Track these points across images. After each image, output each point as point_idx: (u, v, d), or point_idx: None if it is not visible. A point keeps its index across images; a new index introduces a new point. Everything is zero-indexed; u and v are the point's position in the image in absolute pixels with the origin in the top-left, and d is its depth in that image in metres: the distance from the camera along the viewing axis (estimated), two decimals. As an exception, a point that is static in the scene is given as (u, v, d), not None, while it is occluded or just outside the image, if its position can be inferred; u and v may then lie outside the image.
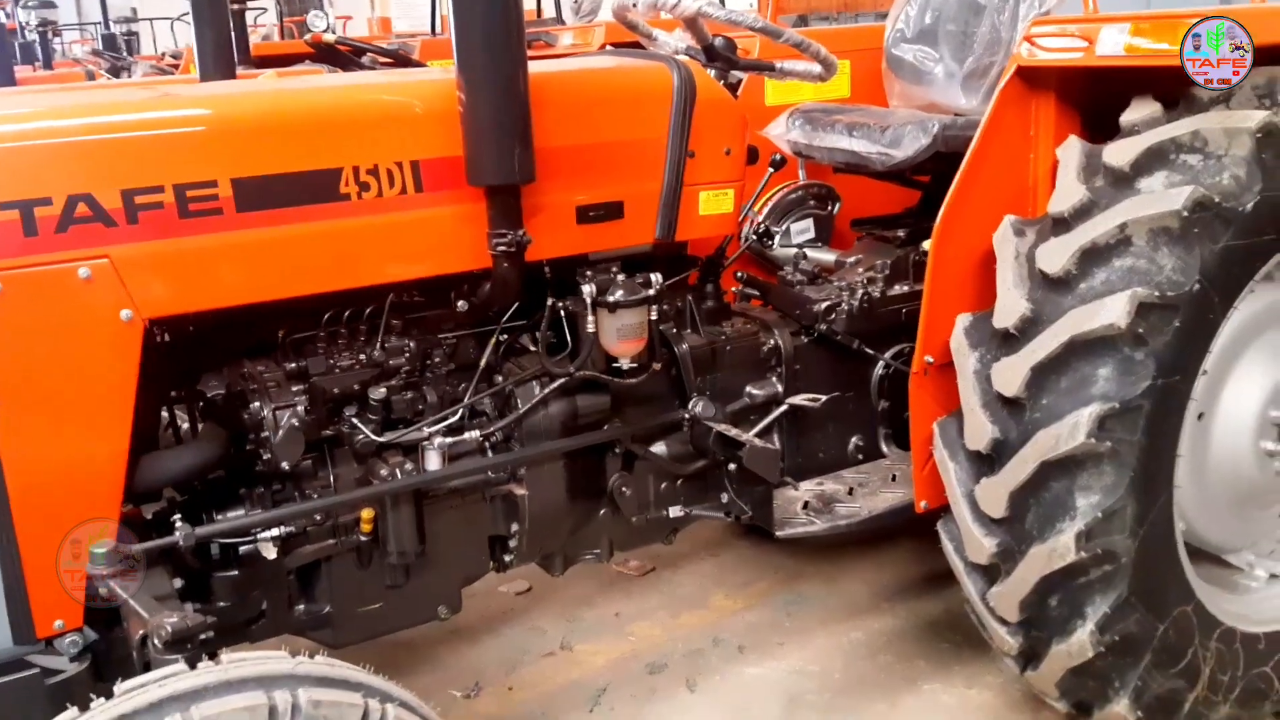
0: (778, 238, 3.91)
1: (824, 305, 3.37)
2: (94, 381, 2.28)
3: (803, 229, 3.96)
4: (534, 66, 2.59)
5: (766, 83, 4.02)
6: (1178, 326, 2.67)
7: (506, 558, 3.06)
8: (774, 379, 3.36)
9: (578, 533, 3.18)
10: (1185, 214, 2.64)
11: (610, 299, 2.81)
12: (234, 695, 1.93)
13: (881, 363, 3.48)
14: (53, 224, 2.19)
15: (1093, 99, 3.09)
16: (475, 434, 2.83)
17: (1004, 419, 2.81)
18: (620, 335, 2.85)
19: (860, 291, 3.43)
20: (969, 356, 2.91)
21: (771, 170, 3.52)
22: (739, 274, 3.35)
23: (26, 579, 2.27)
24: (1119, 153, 2.79)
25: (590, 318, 2.84)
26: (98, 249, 2.23)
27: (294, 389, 2.63)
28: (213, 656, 2.01)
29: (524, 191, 2.66)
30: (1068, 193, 2.82)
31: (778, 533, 3.24)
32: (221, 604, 2.65)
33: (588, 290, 2.82)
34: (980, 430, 2.84)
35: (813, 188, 3.98)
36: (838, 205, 4.00)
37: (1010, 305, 2.81)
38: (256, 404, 2.59)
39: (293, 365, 2.66)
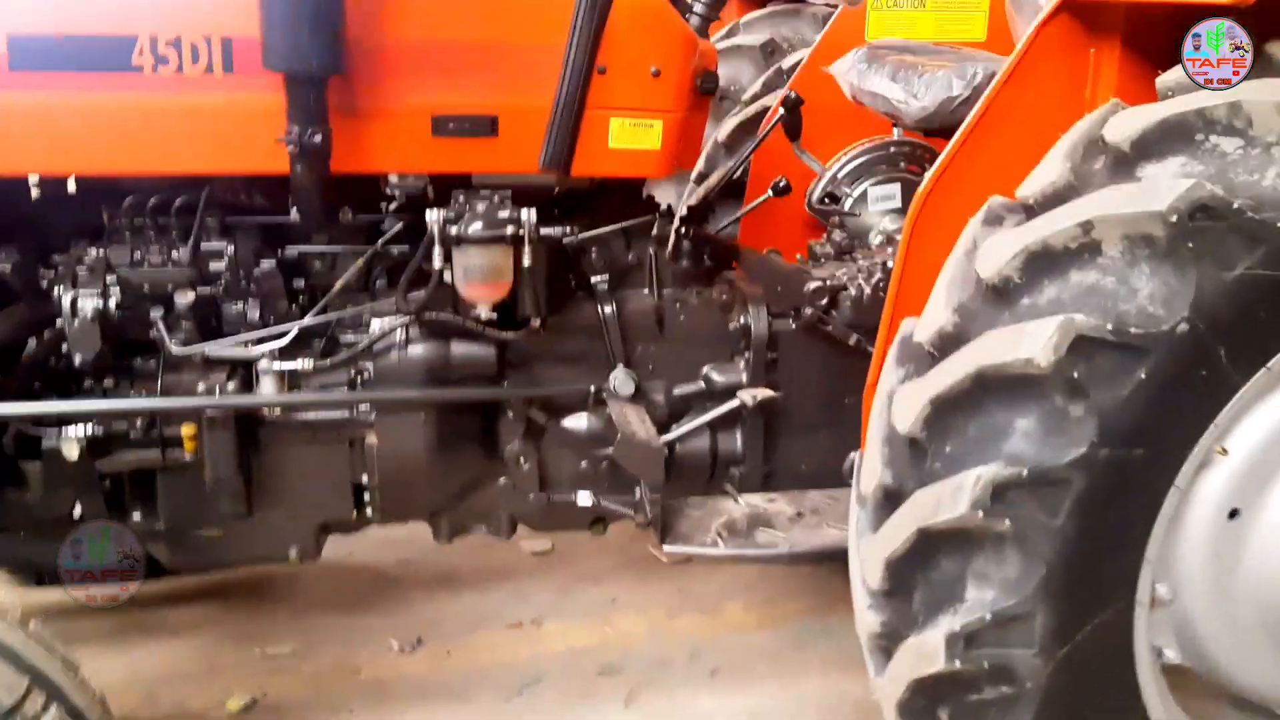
0: (848, 202, 3.22)
1: (814, 285, 2.70)
2: None
3: (886, 194, 3.23)
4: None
5: (870, 13, 3.30)
6: (1143, 379, 1.85)
7: (367, 511, 2.72)
8: (740, 364, 2.77)
9: (466, 499, 2.78)
10: (1173, 220, 1.80)
11: (454, 231, 2.37)
12: None
13: None
14: None
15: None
16: (306, 363, 2.51)
17: (901, 463, 2.10)
18: (467, 276, 2.40)
19: (877, 275, 2.72)
20: (891, 375, 2.20)
21: (784, 111, 2.85)
22: (680, 226, 2.72)
23: None
24: (1123, 125, 1.96)
25: (437, 250, 2.41)
26: None
27: (108, 280, 2.43)
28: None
29: (355, 90, 2.30)
30: (1044, 172, 2.03)
31: (666, 547, 2.65)
32: (30, 496, 2.54)
33: (433, 217, 2.39)
34: (872, 472, 2.14)
35: (904, 146, 3.23)
36: (936, 171, 3.21)
37: (933, 314, 2.08)
38: (57, 289, 2.42)
39: (100, 253, 2.45)
